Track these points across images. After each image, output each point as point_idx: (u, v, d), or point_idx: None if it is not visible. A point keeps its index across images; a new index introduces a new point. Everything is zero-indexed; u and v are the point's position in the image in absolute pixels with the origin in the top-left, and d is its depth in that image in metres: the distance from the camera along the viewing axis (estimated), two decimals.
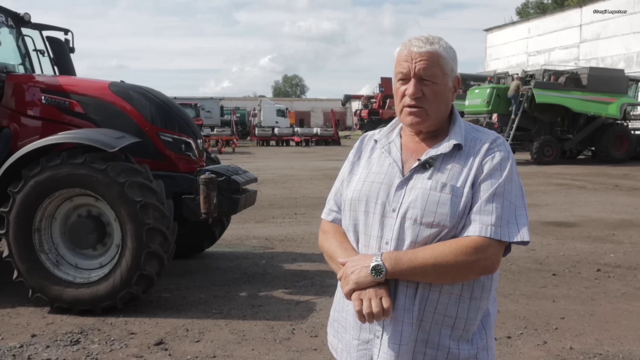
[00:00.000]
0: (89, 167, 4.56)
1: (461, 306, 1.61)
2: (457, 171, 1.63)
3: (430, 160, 1.65)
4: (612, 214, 9.72)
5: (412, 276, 1.57)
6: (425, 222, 1.59)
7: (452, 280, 1.59)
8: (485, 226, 1.56)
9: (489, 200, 1.58)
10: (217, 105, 42.98)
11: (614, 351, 3.98)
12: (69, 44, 6.53)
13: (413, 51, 1.65)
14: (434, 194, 1.59)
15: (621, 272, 6.07)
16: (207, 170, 5.31)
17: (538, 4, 59.52)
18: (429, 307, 1.60)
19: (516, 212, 1.60)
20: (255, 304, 4.96)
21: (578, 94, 20.56)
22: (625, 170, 18.05)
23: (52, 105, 5.34)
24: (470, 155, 1.65)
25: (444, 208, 1.58)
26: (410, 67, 1.65)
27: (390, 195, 1.65)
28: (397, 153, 1.72)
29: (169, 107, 5.52)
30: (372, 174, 1.71)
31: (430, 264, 1.54)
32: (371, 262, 1.57)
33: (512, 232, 1.58)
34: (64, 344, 4.06)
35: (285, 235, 7.91)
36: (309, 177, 15.77)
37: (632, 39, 32.49)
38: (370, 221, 1.66)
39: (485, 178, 1.60)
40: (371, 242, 1.66)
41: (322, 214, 1.88)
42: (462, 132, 1.69)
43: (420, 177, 1.63)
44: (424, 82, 1.64)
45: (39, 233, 4.75)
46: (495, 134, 1.72)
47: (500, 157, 1.63)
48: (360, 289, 1.58)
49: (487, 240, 1.56)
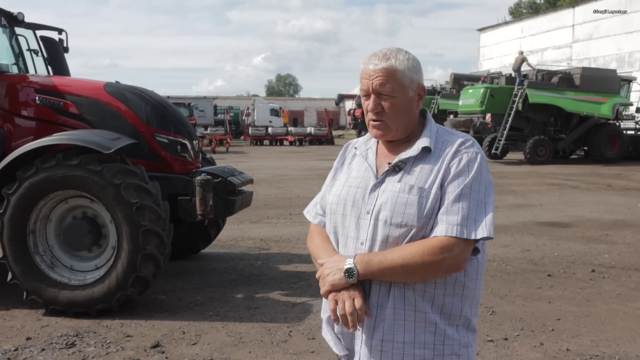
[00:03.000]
0: (84, 168, 4.53)
1: (436, 302, 1.68)
2: (426, 173, 1.70)
3: (399, 163, 1.74)
4: (606, 214, 9.77)
5: (383, 277, 1.66)
6: (394, 223, 1.67)
7: (421, 279, 1.66)
8: (450, 226, 1.62)
9: (455, 200, 1.65)
10: (210, 104, 42.84)
11: (610, 352, 4.00)
12: (63, 44, 6.47)
13: (369, 69, 1.74)
14: (402, 195, 1.68)
15: (616, 272, 6.11)
16: (203, 172, 5.28)
17: (531, 4, 59.72)
18: (407, 306, 1.67)
19: (482, 209, 1.66)
20: (251, 306, 4.95)
21: (571, 94, 20.67)
22: (618, 170, 18.16)
23: (47, 105, 5.31)
24: (440, 157, 1.72)
25: (411, 209, 1.66)
26: (368, 84, 1.74)
27: (365, 197, 1.74)
28: (372, 158, 1.82)
29: (165, 108, 5.49)
30: (350, 179, 1.82)
31: (399, 265, 1.62)
32: (344, 265, 1.66)
33: (477, 230, 1.63)
34: (59, 346, 4.04)
35: (281, 236, 7.89)
36: (303, 177, 15.76)
37: (624, 39, 32.68)
38: (347, 223, 1.76)
39: (452, 179, 1.67)
40: (348, 243, 1.76)
41: (307, 216, 1.99)
42: (432, 136, 1.76)
43: (391, 179, 1.72)
44: (383, 97, 1.73)
45: (33, 235, 4.72)
46: (465, 135, 1.78)
47: (468, 158, 1.69)
48: (336, 290, 1.67)
49: (453, 240, 1.62)
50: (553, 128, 21.70)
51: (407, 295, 1.67)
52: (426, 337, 1.67)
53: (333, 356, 3.93)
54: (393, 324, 1.67)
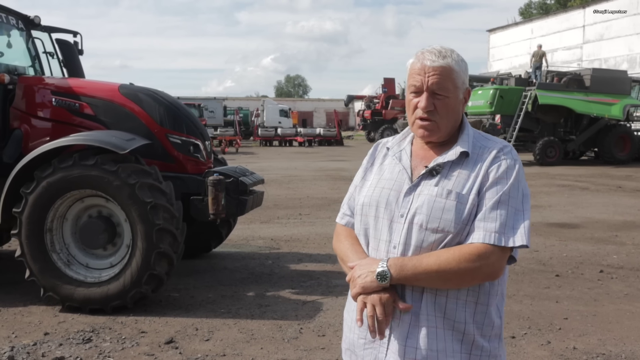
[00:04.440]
0: (100, 168, 4.63)
1: (469, 311, 1.65)
2: (464, 178, 1.66)
3: (437, 167, 1.69)
4: (615, 216, 9.77)
5: (416, 282, 1.62)
6: (430, 228, 1.63)
7: (456, 286, 1.63)
8: (488, 233, 1.59)
9: (493, 207, 1.61)
10: (220, 105, 43.08)
11: (616, 351, 4.04)
12: (77, 46, 6.60)
13: (426, 65, 1.68)
14: (439, 200, 1.64)
15: (624, 273, 6.14)
16: (216, 172, 5.38)
17: (541, 5, 59.47)
18: (438, 313, 1.63)
19: (520, 217, 1.63)
20: (262, 304, 5.03)
21: (581, 95, 20.60)
22: (628, 172, 18.08)
23: (63, 107, 5.42)
24: (478, 162, 1.68)
25: (448, 214, 1.62)
26: (423, 80, 1.68)
27: (399, 200, 1.70)
28: (407, 160, 1.77)
29: (177, 109, 5.60)
30: (382, 180, 1.77)
31: (434, 270, 1.58)
32: (377, 268, 1.62)
33: (514, 238, 1.60)
34: (76, 342, 4.14)
35: (291, 236, 7.98)
36: (313, 178, 15.84)
37: (635, 39, 32.49)
38: (380, 225, 1.72)
39: (491, 186, 1.64)
40: (380, 246, 1.71)
41: (337, 218, 1.94)
42: (469, 140, 1.73)
43: (428, 183, 1.68)
44: (436, 96, 1.68)
45: (50, 233, 4.83)
46: (503, 141, 1.76)
47: (507, 165, 1.66)
48: (366, 293, 1.63)
49: (490, 247, 1.59)
50: (563, 129, 21.64)
51: (440, 301, 1.63)
52: (454, 345, 1.63)
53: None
54: (427, 332, 1.63)
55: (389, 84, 44.91)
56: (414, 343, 1.63)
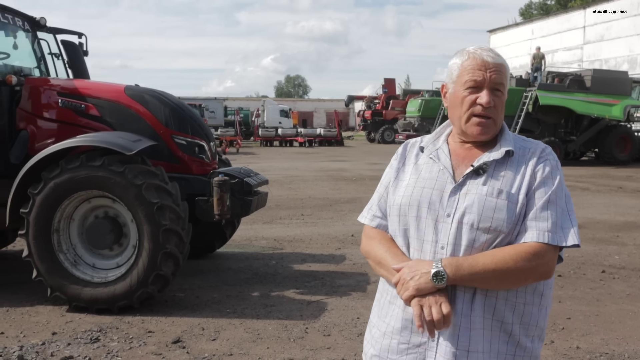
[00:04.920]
0: (107, 169, 4.67)
1: (517, 312, 1.65)
2: (510, 178, 1.66)
3: (483, 166, 1.68)
4: (616, 216, 9.81)
5: (471, 282, 1.60)
6: (482, 227, 1.62)
7: (510, 285, 1.63)
8: (542, 232, 1.60)
9: (543, 207, 1.63)
10: (220, 105, 43.16)
11: (619, 350, 4.08)
12: (82, 47, 6.64)
13: (487, 61, 1.68)
14: (490, 199, 1.63)
15: (626, 273, 6.18)
16: (221, 173, 5.42)
17: (541, 5, 59.54)
18: (487, 314, 1.63)
19: (568, 217, 1.66)
20: (267, 304, 5.07)
21: (582, 96, 20.65)
22: (629, 172, 18.13)
23: (69, 108, 5.45)
24: (522, 163, 1.69)
25: (500, 214, 1.61)
26: (484, 75, 1.67)
27: (443, 200, 1.67)
28: (446, 159, 1.75)
29: (183, 111, 5.64)
30: (421, 180, 1.74)
31: (491, 270, 1.57)
32: (431, 269, 1.58)
33: (566, 237, 1.62)
34: (84, 341, 4.18)
35: (294, 236, 8.02)
36: (314, 178, 15.88)
37: (635, 40, 32.55)
38: (423, 226, 1.69)
39: (539, 186, 1.65)
40: (425, 247, 1.68)
41: (362, 219, 1.90)
42: (511, 140, 1.74)
43: (474, 182, 1.67)
44: (495, 92, 1.69)
45: (57, 233, 4.87)
46: (541, 143, 1.78)
47: (551, 165, 1.69)
48: (420, 295, 1.59)
49: (545, 246, 1.60)
50: (563, 130, 21.70)
51: (490, 302, 1.62)
52: (500, 346, 1.63)
53: (349, 353, 4.06)
54: (480, 333, 1.62)
55: (389, 84, 45.00)
56: (465, 345, 1.61)
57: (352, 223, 8.95)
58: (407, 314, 1.67)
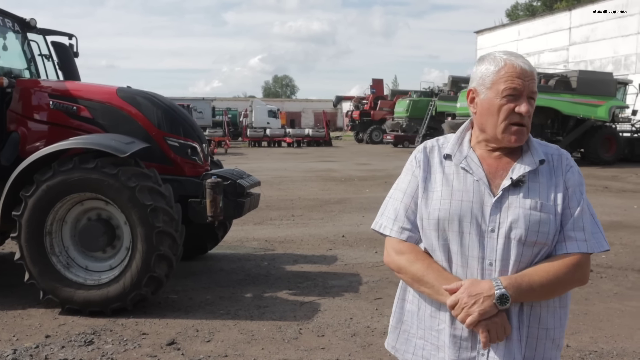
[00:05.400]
0: (100, 171, 4.67)
1: (556, 317, 1.71)
2: (546, 188, 1.68)
3: (522, 177, 1.68)
4: (603, 216, 9.93)
5: (528, 299, 1.64)
6: (529, 242, 1.63)
7: (557, 295, 1.69)
8: (582, 243, 1.66)
9: (578, 217, 1.67)
10: (208, 106, 42.96)
11: (608, 348, 4.16)
12: (72, 49, 6.61)
13: (525, 69, 1.67)
14: (534, 213, 1.63)
15: (613, 272, 6.28)
16: (213, 174, 5.43)
17: (527, 7, 60.02)
18: (534, 323, 1.67)
19: (595, 223, 1.71)
20: (261, 305, 5.10)
21: (568, 97, 20.88)
22: (614, 172, 18.36)
23: (60, 110, 5.44)
24: (551, 171, 1.71)
25: (545, 227, 1.63)
26: (524, 84, 1.66)
27: (485, 214, 1.65)
28: (479, 170, 1.71)
29: (175, 112, 5.64)
30: (457, 192, 1.69)
31: (546, 286, 1.62)
32: (495, 291, 1.58)
33: (599, 244, 1.69)
34: (78, 344, 4.18)
35: (285, 237, 8.04)
36: (303, 179, 15.90)
37: (620, 42, 32.92)
38: (467, 241, 1.66)
39: (572, 195, 1.69)
40: (470, 263, 1.66)
41: (387, 231, 1.79)
42: (537, 147, 1.74)
43: (514, 195, 1.66)
44: (530, 100, 1.68)
45: (50, 236, 4.86)
46: (558, 147, 1.80)
47: (576, 172, 1.73)
48: (484, 319, 1.59)
49: (586, 256, 1.67)
50: (550, 130, 21.90)
51: (535, 312, 1.66)
52: (546, 353, 1.68)
53: (343, 353, 4.09)
54: (533, 342, 1.67)
55: (377, 85, 45.14)
56: (512, 356, 1.64)
57: (343, 224, 9.00)
58: (455, 330, 1.68)
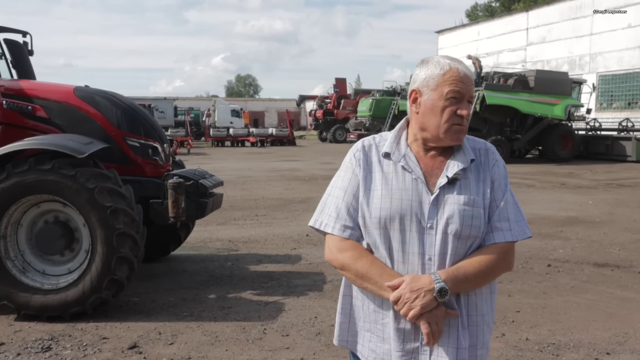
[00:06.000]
0: (57, 173, 4.55)
1: (488, 303, 1.81)
2: (476, 183, 1.77)
3: (456, 175, 1.75)
4: (560, 212, 10.23)
5: (464, 289, 1.73)
6: (464, 236, 1.72)
7: (487, 283, 1.78)
8: (508, 232, 1.76)
9: (504, 207, 1.77)
10: (170, 105, 42.36)
11: (565, 340, 4.28)
12: (27, 47, 6.42)
13: (467, 74, 1.76)
14: (467, 209, 1.72)
15: (569, 266, 6.46)
16: (175, 175, 5.36)
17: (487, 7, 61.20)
18: (472, 311, 1.76)
19: (519, 211, 1.81)
20: (225, 306, 5.05)
21: (526, 96, 21.40)
22: (570, 169, 18.91)
23: (14, 110, 5.27)
24: (479, 167, 1.80)
25: (477, 221, 1.73)
26: (466, 88, 1.75)
27: (424, 211, 1.72)
28: (417, 169, 1.77)
29: (135, 112, 5.54)
30: (397, 191, 1.74)
31: (479, 276, 1.72)
32: (434, 285, 1.66)
33: (522, 231, 1.79)
34: (35, 350, 4.06)
35: (248, 237, 8.00)
36: (267, 178, 15.84)
37: (574, 42, 33.87)
38: (408, 238, 1.72)
39: (497, 187, 1.79)
40: (411, 259, 1.73)
41: (328, 229, 1.82)
42: (468, 145, 1.83)
43: (449, 192, 1.74)
44: (469, 104, 1.78)
45: (4, 240, 4.71)
46: (484, 141, 1.90)
47: (501, 165, 1.84)
48: (426, 312, 1.67)
49: (511, 244, 1.78)
50: (509, 128, 22.40)
51: (472, 300, 1.76)
52: (485, 337, 1.78)
53: (308, 352, 4.09)
54: (474, 330, 1.76)
55: (340, 84, 45.30)
56: (455, 343, 1.72)
57: (307, 223, 8.91)
58: (399, 324, 1.74)
